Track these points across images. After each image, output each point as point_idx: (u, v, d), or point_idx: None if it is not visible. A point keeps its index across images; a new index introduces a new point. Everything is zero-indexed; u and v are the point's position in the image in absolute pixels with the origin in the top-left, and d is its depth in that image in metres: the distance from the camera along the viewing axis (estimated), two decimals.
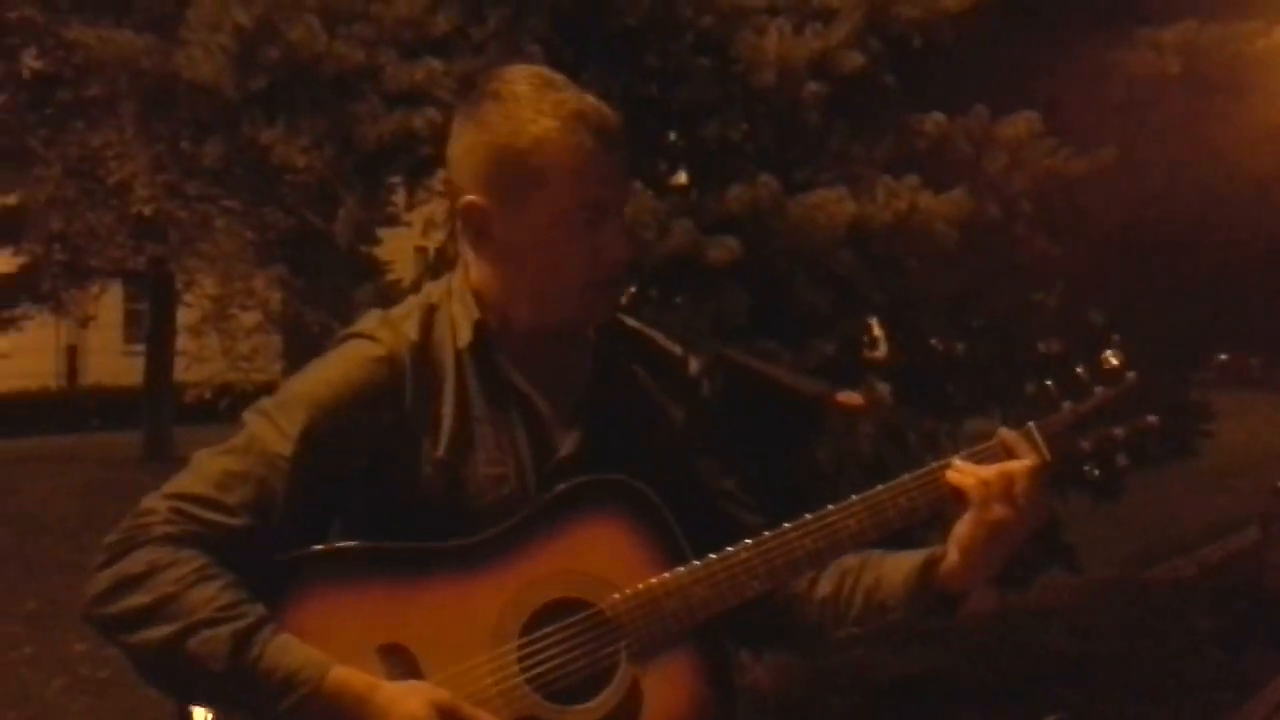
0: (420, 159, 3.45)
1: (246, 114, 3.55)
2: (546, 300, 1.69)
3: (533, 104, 1.66)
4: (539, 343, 1.73)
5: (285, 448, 1.62)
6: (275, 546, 1.61)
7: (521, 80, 1.70)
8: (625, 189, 1.75)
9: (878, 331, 4.58)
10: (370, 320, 1.72)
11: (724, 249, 3.10)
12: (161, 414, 14.97)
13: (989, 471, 1.65)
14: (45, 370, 19.88)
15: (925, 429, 4.32)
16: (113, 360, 19.96)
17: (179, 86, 3.53)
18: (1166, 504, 8.34)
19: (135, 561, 1.55)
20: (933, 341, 4.69)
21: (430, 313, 1.72)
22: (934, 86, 3.62)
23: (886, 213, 3.26)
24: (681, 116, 3.46)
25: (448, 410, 1.68)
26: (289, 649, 1.54)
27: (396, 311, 1.73)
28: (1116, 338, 1.87)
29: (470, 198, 1.67)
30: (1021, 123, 3.50)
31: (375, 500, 1.67)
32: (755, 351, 3.15)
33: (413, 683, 1.58)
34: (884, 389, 4.82)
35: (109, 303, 17.67)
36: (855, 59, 3.37)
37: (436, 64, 3.24)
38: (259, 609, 1.55)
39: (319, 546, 1.64)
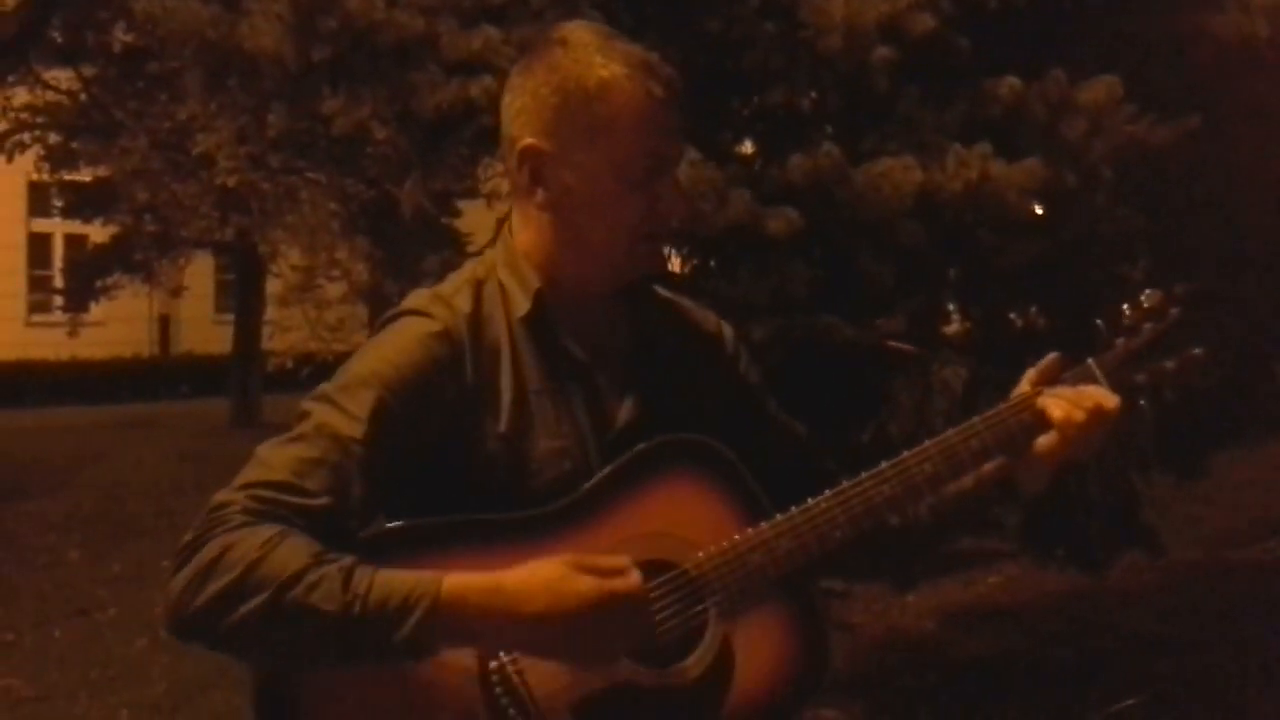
0: (481, 129, 3.42)
1: (309, 84, 3.54)
2: (597, 252, 1.67)
3: (601, 50, 1.65)
4: (587, 305, 1.71)
5: (356, 430, 1.57)
6: (351, 531, 1.57)
7: (586, 30, 1.69)
8: (681, 147, 1.72)
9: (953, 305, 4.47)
10: (420, 298, 1.69)
11: (783, 220, 3.02)
12: (249, 382, 15.25)
13: (1081, 411, 1.70)
14: (138, 338, 20.33)
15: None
16: (204, 329, 20.36)
17: (242, 58, 3.53)
18: (1256, 484, 8.10)
19: (210, 549, 1.48)
20: (1011, 315, 4.57)
21: (479, 288, 1.69)
22: (1009, 50, 3.49)
23: (956, 182, 3.15)
24: (745, 84, 3.37)
25: (505, 383, 1.65)
26: (398, 574, 1.48)
27: (444, 287, 1.71)
28: (1210, 313, 1.87)
29: (530, 140, 1.65)
30: (1101, 88, 3.37)
31: (438, 479, 1.64)
32: (817, 326, 3.08)
33: (532, 561, 1.53)
34: (959, 364, 4.72)
35: (200, 272, 18.03)
36: (926, 21, 3.26)
37: (494, 32, 3.20)
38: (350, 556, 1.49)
39: (393, 523, 1.60)
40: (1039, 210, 3.63)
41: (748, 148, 3.69)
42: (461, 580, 1.49)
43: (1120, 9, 3.61)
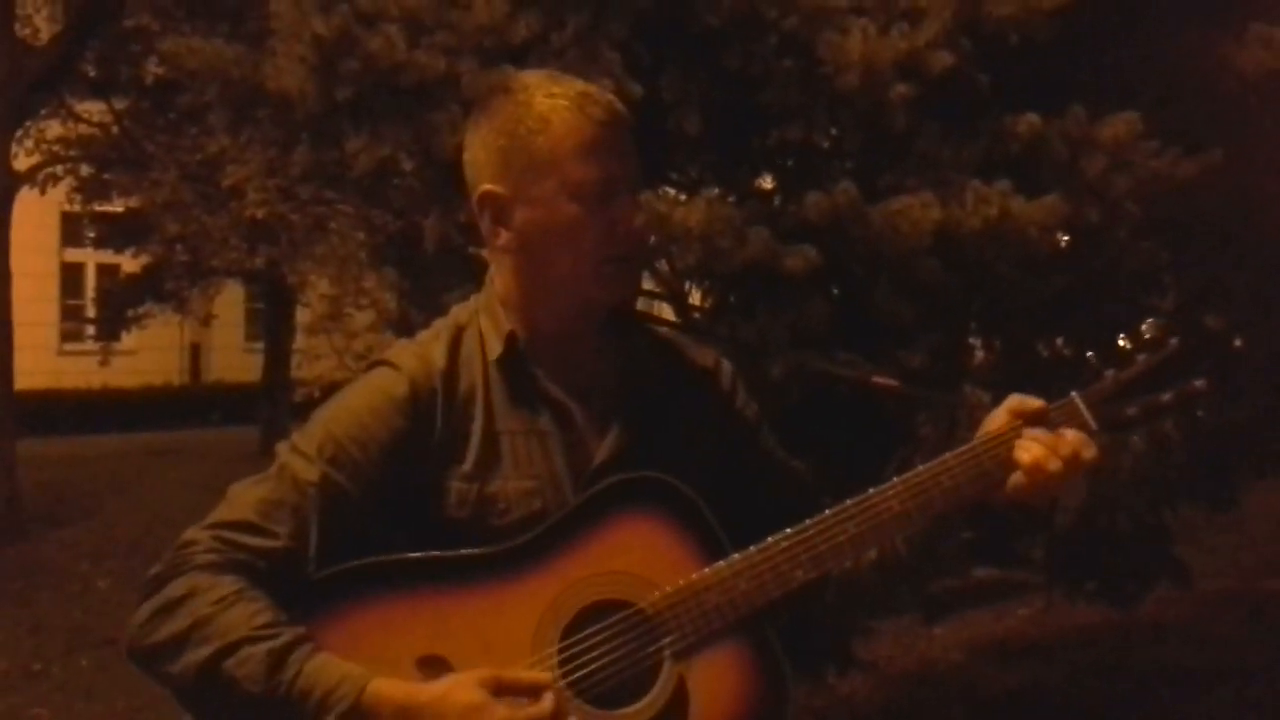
0: None
1: (331, 123, 3.57)
2: (564, 282, 1.69)
3: (541, 89, 1.70)
4: (567, 344, 1.73)
5: (312, 473, 1.63)
6: (311, 570, 1.62)
7: (530, 74, 1.76)
8: (636, 169, 1.74)
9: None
10: (396, 348, 1.74)
11: (801, 258, 3.01)
12: (279, 410, 15.33)
13: (1057, 460, 1.65)
14: (169, 367, 20.47)
15: None
16: (234, 357, 20.50)
17: (266, 96, 3.56)
18: None
19: (175, 588, 1.56)
20: (1038, 347, 4.54)
21: (458, 334, 1.73)
22: (1029, 86, 3.47)
23: (975, 219, 3.13)
24: (763, 121, 3.37)
25: (477, 427, 1.68)
26: (327, 667, 1.52)
27: (424, 336, 1.75)
28: (1238, 343, 1.81)
29: (486, 186, 1.69)
30: (1122, 124, 3.34)
31: (408, 525, 1.67)
32: (835, 363, 3.07)
33: (451, 676, 1.55)
34: (984, 397, 4.68)
35: (231, 301, 18.17)
36: (945, 59, 3.25)
37: (515, 72, 3.20)
38: (297, 629, 1.54)
39: (354, 562, 1.63)
40: (1063, 239, 3.61)
41: (766, 184, 3.68)
42: (383, 687, 1.52)
43: (1141, 45, 3.59)
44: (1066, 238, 3.64)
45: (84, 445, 15.20)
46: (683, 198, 3.43)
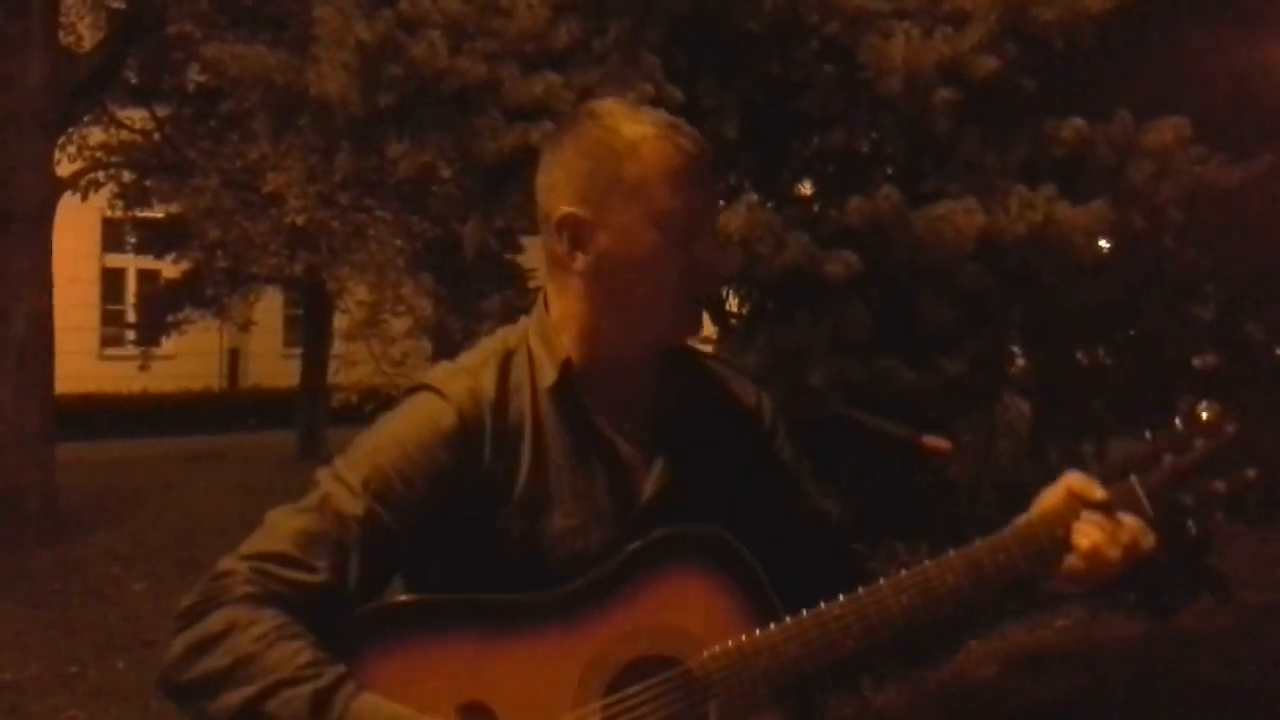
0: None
1: (374, 129, 3.58)
2: (640, 313, 1.66)
3: (628, 117, 1.67)
4: (621, 375, 1.69)
5: (357, 509, 1.59)
6: (355, 606, 1.59)
7: (612, 101, 1.73)
8: (717, 203, 1.75)
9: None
10: (442, 372, 1.70)
11: (841, 263, 3.00)
12: (316, 415, 15.42)
13: (1117, 548, 1.64)
14: (208, 372, 20.62)
15: (1068, 447, 4.14)
16: (272, 363, 20.62)
17: (309, 103, 3.58)
18: None
19: (213, 622, 1.51)
20: (1078, 356, 4.50)
21: (507, 359, 1.69)
22: (1074, 91, 3.45)
23: (1019, 225, 3.11)
24: (804, 126, 3.37)
25: (525, 458, 1.64)
26: (374, 708, 1.50)
27: (472, 360, 1.70)
28: (1278, 351, 1.79)
29: (567, 209, 1.64)
30: (1168, 129, 3.32)
31: (451, 557, 1.64)
32: (877, 370, 3.06)
33: None
34: (1023, 406, 4.64)
35: (270, 307, 18.28)
36: (989, 63, 3.23)
37: (555, 78, 3.21)
38: (340, 668, 1.51)
39: (398, 599, 1.60)
40: (1104, 245, 3.58)
41: (806, 189, 3.67)
42: None
43: (1188, 50, 3.57)
44: (1107, 244, 3.61)
45: (123, 449, 15.30)
46: (721, 203, 3.43)
